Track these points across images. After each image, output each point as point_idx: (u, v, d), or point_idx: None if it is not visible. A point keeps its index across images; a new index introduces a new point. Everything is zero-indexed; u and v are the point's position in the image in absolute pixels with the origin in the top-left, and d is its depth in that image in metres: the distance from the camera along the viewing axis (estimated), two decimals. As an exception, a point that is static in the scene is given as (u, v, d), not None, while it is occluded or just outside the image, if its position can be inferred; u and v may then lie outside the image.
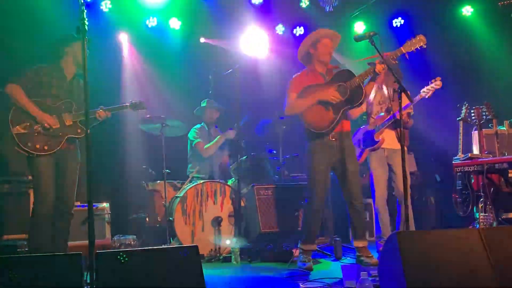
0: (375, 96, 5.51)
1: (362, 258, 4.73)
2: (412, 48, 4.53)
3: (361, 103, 4.81)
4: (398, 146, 5.39)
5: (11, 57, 4.34)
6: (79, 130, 4.41)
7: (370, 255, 4.78)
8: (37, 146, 4.24)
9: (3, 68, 4.41)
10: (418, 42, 4.54)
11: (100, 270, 2.60)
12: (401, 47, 4.54)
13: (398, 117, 4.64)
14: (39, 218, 4.30)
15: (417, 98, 5.23)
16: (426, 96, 5.25)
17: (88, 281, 2.81)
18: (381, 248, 5.57)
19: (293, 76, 4.92)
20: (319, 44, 4.80)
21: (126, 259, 2.64)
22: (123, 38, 7.45)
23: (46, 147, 4.27)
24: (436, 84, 5.22)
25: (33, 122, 4.26)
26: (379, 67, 4.56)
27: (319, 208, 4.75)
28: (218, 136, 6.47)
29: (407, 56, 4.56)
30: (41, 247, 4.20)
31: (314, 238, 4.84)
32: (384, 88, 5.46)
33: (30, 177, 5.92)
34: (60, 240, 4.39)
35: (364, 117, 5.72)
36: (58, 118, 4.35)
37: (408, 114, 5.38)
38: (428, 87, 5.24)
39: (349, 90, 4.63)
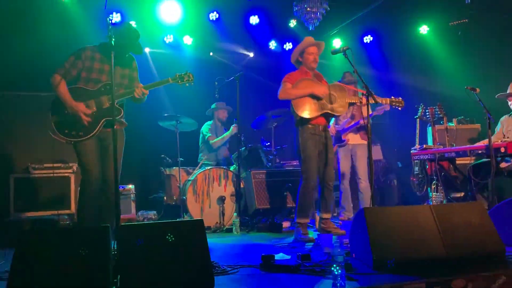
0: None
1: (329, 229, 4.66)
2: (393, 105, 4.71)
3: (338, 116, 4.96)
4: (359, 141, 5.90)
5: (52, 66, 4.16)
6: (116, 112, 3.81)
7: (334, 226, 4.76)
8: (73, 132, 3.78)
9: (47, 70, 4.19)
10: (398, 102, 4.71)
11: (122, 238, 2.59)
12: (388, 99, 4.70)
13: (363, 123, 4.92)
14: (85, 194, 3.88)
15: (373, 113, 5.50)
16: (379, 114, 5.64)
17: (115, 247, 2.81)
18: (341, 218, 5.99)
19: (289, 73, 4.76)
20: (305, 53, 4.70)
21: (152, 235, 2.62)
22: (146, 52, 7.42)
23: (81, 133, 3.80)
24: (385, 107, 5.51)
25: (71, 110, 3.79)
26: (363, 101, 4.51)
27: (314, 186, 4.61)
28: (225, 133, 6.51)
29: (388, 108, 4.99)
30: (88, 220, 3.86)
31: (309, 213, 4.67)
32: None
33: (71, 164, 5.99)
34: (106, 217, 3.89)
35: None
36: (95, 102, 3.84)
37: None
38: (380, 107, 5.55)
39: (338, 102, 4.61)
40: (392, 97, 4.72)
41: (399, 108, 4.75)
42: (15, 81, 6.21)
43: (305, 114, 4.54)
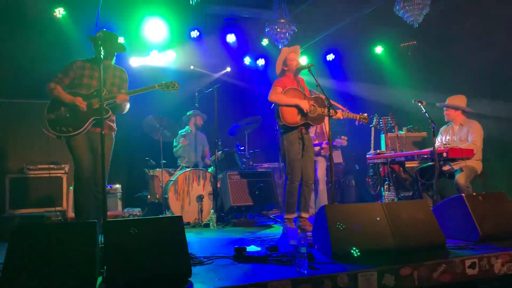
0: None
1: (305, 227, 4.49)
2: (361, 120, 4.75)
3: (318, 124, 4.74)
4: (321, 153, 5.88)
5: (46, 77, 4.13)
6: (104, 113, 3.72)
7: (310, 224, 4.55)
8: (63, 128, 3.83)
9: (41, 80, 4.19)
10: (364, 119, 4.76)
11: (108, 232, 2.55)
12: (358, 115, 4.74)
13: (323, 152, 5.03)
14: (79, 187, 3.86)
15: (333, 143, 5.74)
16: (337, 144, 6.08)
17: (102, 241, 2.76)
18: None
19: (277, 79, 4.67)
20: (287, 61, 4.64)
21: (135, 230, 2.59)
22: (133, 63, 7.33)
23: (70, 129, 3.85)
24: (343, 141, 5.94)
25: (64, 109, 3.86)
26: (339, 115, 4.56)
27: (297, 186, 4.52)
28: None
29: (357, 123, 4.83)
30: (85, 207, 3.85)
31: (294, 209, 4.57)
32: None
33: (63, 165, 5.88)
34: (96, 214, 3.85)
35: None
36: (87, 103, 3.88)
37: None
38: (340, 140, 6.07)
39: (317, 114, 4.53)
40: (360, 113, 4.76)
41: (365, 123, 4.77)
42: (11, 89, 6.09)
43: (290, 122, 4.48)
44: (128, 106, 4.18)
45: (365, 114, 4.77)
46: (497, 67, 6.06)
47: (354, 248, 2.86)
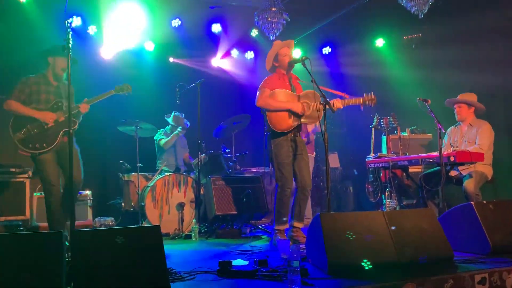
0: None
1: (298, 238, 4.42)
2: (367, 103, 4.55)
3: (314, 122, 4.70)
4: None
5: (9, 68, 4.17)
6: (72, 124, 4.16)
7: (303, 235, 4.47)
8: (37, 145, 4.12)
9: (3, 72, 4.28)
10: (371, 100, 4.56)
11: (75, 244, 2.50)
12: (361, 97, 4.56)
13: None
14: (51, 205, 4.20)
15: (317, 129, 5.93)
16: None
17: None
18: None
19: (266, 77, 4.63)
20: (279, 56, 4.61)
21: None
22: (106, 55, 7.25)
23: (45, 145, 4.15)
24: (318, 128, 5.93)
25: (30, 127, 4.13)
26: (337, 105, 4.43)
27: (289, 193, 4.45)
28: (172, 134, 6.42)
29: (361, 108, 4.63)
30: (57, 226, 4.15)
31: (286, 219, 4.51)
32: None
33: (26, 169, 5.80)
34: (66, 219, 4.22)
35: None
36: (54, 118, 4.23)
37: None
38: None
39: (311, 109, 4.48)
40: (365, 95, 4.59)
41: (372, 105, 4.59)
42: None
43: (282, 129, 4.44)
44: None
45: (371, 94, 4.58)
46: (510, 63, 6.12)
47: (365, 260, 2.87)
